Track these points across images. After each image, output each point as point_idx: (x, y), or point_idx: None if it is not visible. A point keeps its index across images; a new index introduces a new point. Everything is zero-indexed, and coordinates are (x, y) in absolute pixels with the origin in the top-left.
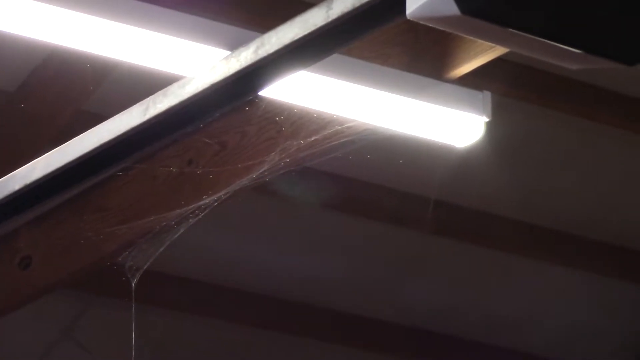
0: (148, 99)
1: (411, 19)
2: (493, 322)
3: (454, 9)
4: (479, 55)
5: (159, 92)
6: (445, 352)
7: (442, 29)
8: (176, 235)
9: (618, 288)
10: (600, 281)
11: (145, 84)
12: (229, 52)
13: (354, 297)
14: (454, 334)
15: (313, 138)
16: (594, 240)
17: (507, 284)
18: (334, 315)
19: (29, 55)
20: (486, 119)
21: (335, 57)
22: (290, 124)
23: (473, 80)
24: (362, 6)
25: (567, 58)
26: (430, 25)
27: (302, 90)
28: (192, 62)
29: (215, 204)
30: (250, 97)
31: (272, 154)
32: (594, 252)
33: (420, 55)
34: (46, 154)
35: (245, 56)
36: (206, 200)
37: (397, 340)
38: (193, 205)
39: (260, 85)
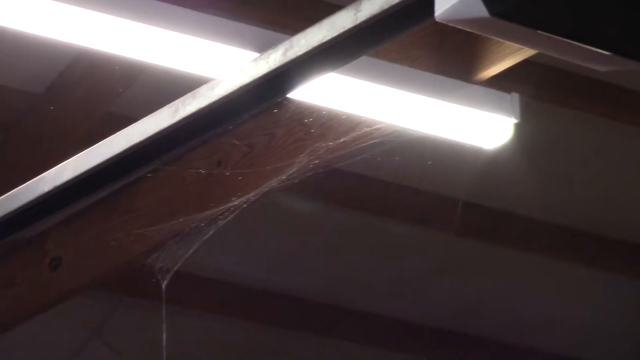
0: (177, 100)
1: (440, 21)
2: (518, 323)
3: (482, 11)
4: (507, 57)
5: (188, 94)
6: (469, 353)
7: (470, 31)
8: (206, 237)
9: None
10: (624, 282)
11: (174, 86)
12: (257, 54)
13: (380, 298)
14: (479, 334)
15: (342, 140)
16: (619, 240)
17: (533, 285)
18: (359, 315)
19: (56, 57)
20: (515, 121)
21: (363, 59)
22: (319, 125)
23: (501, 83)
24: (390, 9)
25: (595, 60)
26: (459, 27)
27: (330, 92)
28: (220, 64)
29: (245, 205)
30: (279, 99)
31: (301, 155)
32: (619, 252)
33: (447, 57)
34: (76, 156)
35: (274, 58)
36: (235, 202)
37: (421, 340)
38: (222, 207)
39: (289, 88)
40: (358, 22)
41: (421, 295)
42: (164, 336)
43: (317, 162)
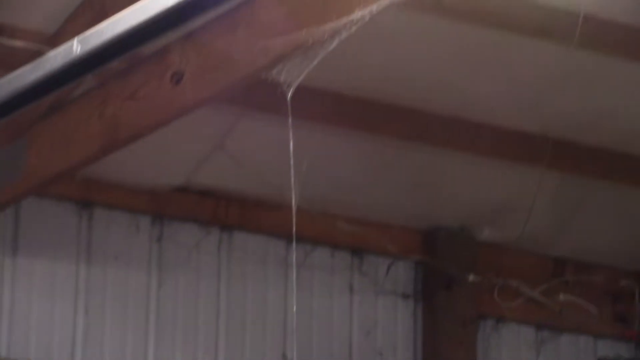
0: None
1: None
2: (637, 134)
3: None
4: None
5: None
6: (588, 162)
7: None
8: (329, 50)
9: None
10: None
11: None
12: None
13: (499, 110)
14: (597, 145)
15: None
16: None
17: None
18: (479, 127)
19: None
20: None
21: None
22: None
23: None
24: None
25: None
26: None
27: None
28: None
29: (367, 18)
30: None
31: None
32: None
33: None
34: None
35: None
36: (358, 14)
37: (540, 150)
38: (345, 19)
39: None
40: None
41: (540, 107)
42: (291, 145)
43: None
